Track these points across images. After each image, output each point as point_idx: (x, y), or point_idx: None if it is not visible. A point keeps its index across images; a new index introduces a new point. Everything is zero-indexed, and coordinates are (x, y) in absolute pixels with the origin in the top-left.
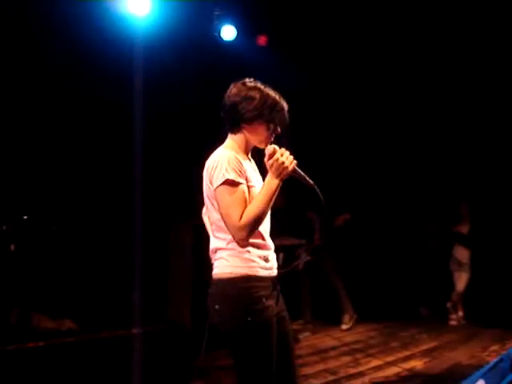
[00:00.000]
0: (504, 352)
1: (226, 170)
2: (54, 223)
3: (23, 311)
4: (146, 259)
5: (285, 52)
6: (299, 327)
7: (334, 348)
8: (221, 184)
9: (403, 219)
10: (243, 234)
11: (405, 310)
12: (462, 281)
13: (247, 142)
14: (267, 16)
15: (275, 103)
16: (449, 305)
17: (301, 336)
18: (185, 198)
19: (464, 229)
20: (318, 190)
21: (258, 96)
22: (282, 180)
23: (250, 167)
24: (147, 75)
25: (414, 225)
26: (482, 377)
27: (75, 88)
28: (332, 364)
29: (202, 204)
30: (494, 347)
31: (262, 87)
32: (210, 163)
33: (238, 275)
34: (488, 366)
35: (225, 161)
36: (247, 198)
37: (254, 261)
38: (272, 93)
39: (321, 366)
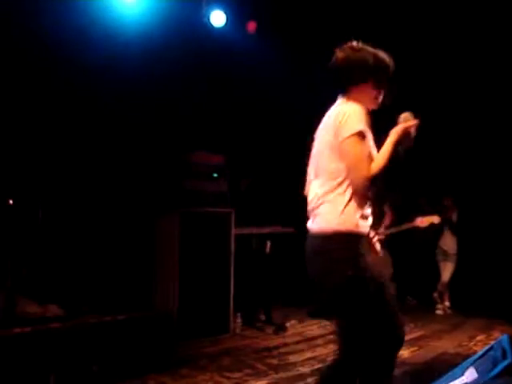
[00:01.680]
0: (491, 342)
1: (358, 121)
2: (41, 208)
3: (8, 295)
4: (133, 246)
5: (275, 39)
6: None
7: (321, 336)
8: (352, 134)
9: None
10: (369, 184)
11: None
12: (447, 271)
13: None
14: (257, 2)
15: (385, 65)
16: (435, 295)
17: (288, 324)
18: (172, 186)
19: (453, 216)
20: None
21: (370, 59)
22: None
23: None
24: (137, 62)
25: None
26: (472, 364)
27: (65, 76)
28: (320, 352)
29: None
30: (480, 337)
31: (371, 49)
32: (337, 114)
33: (341, 230)
34: (478, 355)
35: (356, 112)
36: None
37: (356, 218)
38: (381, 54)
39: (308, 354)
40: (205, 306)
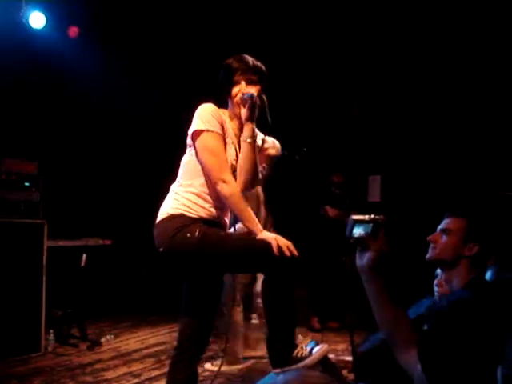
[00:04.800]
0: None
1: (201, 120)
2: None
3: None
4: None
5: (97, 44)
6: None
7: (137, 350)
8: (196, 131)
9: None
10: (223, 185)
11: None
12: (259, 279)
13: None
14: (79, 6)
15: (227, 66)
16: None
17: (103, 339)
18: None
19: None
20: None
21: (226, 67)
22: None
23: (232, 129)
24: None
25: None
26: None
27: None
28: (135, 367)
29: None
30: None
31: (237, 57)
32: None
33: (175, 214)
34: None
35: (201, 111)
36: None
37: (194, 206)
38: (233, 59)
39: (123, 370)
40: (14, 323)
